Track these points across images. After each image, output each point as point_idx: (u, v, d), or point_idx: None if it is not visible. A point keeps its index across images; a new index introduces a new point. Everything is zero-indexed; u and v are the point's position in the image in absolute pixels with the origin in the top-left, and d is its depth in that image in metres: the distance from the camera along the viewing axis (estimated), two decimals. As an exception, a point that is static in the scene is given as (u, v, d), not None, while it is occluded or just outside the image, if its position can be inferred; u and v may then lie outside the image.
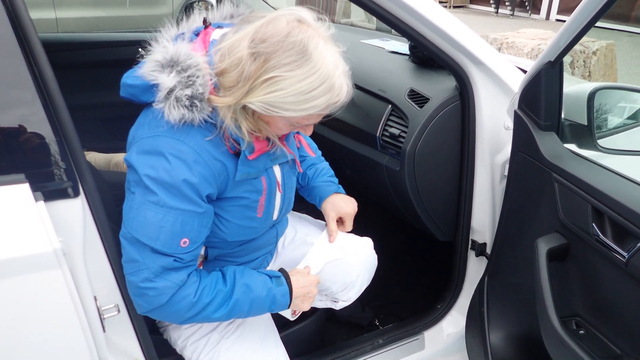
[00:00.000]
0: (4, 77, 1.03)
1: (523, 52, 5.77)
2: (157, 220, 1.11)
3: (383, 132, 1.82)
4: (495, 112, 1.66)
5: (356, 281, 1.52)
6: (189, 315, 1.21)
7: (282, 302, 1.33)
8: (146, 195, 1.11)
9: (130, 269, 1.16)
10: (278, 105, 1.08)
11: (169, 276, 1.16)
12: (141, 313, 1.22)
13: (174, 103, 1.08)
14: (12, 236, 1.00)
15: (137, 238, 1.13)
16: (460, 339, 1.87)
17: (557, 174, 1.33)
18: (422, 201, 1.78)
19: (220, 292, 1.24)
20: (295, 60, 1.05)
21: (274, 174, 1.32)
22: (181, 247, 1.15)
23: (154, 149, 1.11)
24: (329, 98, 1.10)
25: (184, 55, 1.09)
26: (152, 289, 1.15)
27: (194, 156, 1.12)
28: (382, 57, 2.11)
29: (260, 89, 1.07)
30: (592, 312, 1.32)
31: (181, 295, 1.19)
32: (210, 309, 1.23)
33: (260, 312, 1.33)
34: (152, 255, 1.14)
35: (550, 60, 1.32)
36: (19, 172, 1.02)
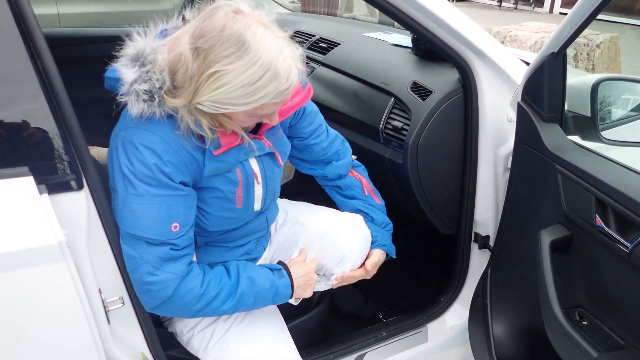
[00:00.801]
0: (8, 72, 1.04)
1: (526, 45, 5.74)
2: (143, 210, 1.14)
3: (386, 125, 1.82)
4: (498, 104, 1.65)
5: (349, 255, 1.50)
6: (197, 307, 1.23)
7: (284, 293, 1.36)
8: (127, 190, 1.14)
9: (131, 266, 1.18)
10: (226, 102, 1.08)
11: (168, 267, 1.18)
12: (150, 310, 1.23)
13: (135, 97, 1.10)
14: (17, 229, 1.00)
15: (130, 233, 1.15)
16: (463, 332, 1.87)
17: (560, 166, 1.33)
18: (425, 194, 1.78)
19: (226, 285, 1.26)
20: (234, 52, 1.05)
21: (250, 167, 1.30)
22: (173, 232, 1.17)
23: (126, 140, 1.14)
24: (277, 86, 1.09)
25: (149, 50, 1.11)
26: (154, 283, 1.17)
27: (162, 145, 1.14)
28: (384, 50, 2.10)
29: (205, 87, 1.07)
30: (595, 303, 1.32)
31: (187, 287, 1.20)
32: (218, 302, 1.25)
33: (263, 304, 1.34)
34: (148, 247, 1.16)
35: (553, 51, 1.32)
36: (23, 165, 1.03)
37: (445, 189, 1.80)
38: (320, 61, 2.22)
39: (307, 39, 2.41)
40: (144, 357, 1.33)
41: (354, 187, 1.66)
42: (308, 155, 1.59)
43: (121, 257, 1.20)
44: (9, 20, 1.03)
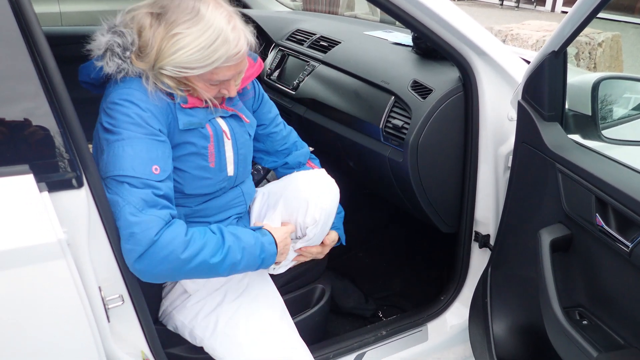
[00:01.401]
0: (8, 70, 1.04)
1: (528, 44, 5.74)
2: (124, 151, 1.21)
3: (386, 124, 1.82)
4: (499, 103, 1.65)
5: (310, 200, 1.52)
6: (186, 256, 1.22)
7: (270, 250, 1.38)
8: (111, 139, 1.22)
9: (116, 213, 1.19)
10: (186, 65, 1.24)
11: (151, 211, 1.20)
12: (135, 264, 1.19)
13: (110, 55, 1.24)
14: (17, 227, 1.00)
15: (113, 178, 1.20)
16: (463, 331, 1.87)
17: (560, 165, 1.33)
18: (425, 193, 1.78)
19: (211, 237, 1.28)
20: (190, 19, 1.22)
21: (218, 125, 1.41)
22: (154, 173, 1.22)
23: (109, 101, 1.25)
24: (227, 49, 1.25)
25: (118, 21, 1.28)
26: (137, 223, 1.17)
27: (139, 95, 1.25)
28: (385, 48, 2.10)
29: (166, 50, 1.22)
30: (595, 303, 1.32)
31: (172, 234, 1.21)
32: (206, 252, 1.25)
33: (253, 262, 1.35)
34: (131, 190, 1.19)
35: (554, 50, 1.32)
36: (23, 163, 1.03)
37: (445, 187, 1.80)
38: (320, 59, 2.22)
39: (308, 38, 2.41)
40: (143, 355, 1.33)
41: None
42: (270, 145, 1.69)
43: (121, 255, 1.20)
44: (10, 19, 1.03)
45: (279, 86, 2.38)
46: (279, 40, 2.54)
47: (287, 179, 1.63)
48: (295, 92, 2.26)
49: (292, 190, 1.56)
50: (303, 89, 2.22)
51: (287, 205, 1.55)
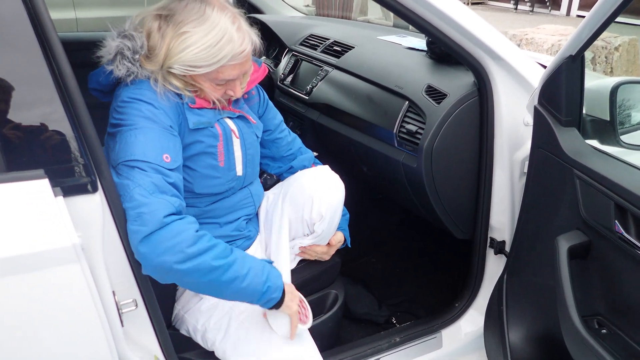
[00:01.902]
0: (24, 75, 1.05)
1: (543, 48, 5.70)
2: (136, 137, 1.23)
3: (400, 129, 1.80)
4: (515, 108, 1.64)
5: (315, 196, 1.53)
6: (190, 251, 1.17)
7: (276, 283, 1.31)
8: (123, 130, 1.25)
9: (124, 195, 1.18)
10: (193, 63, 1.27)
11: (161, 195, 1.20)
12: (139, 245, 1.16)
13: (120, 59, 1.27)
14: (32, 231, 1.01)
15: (124, 164, 1.21)
16: (478, 338, 1.85)
17: (578, 171, 1.31)
18: (440, 198, 1.77)
19: (219, 244, 1.24)
20: (197, 19, 1.27)
21: (227, 124, 1.44)
22: (165, 161, 1.24)
23: (120, 100, 1.28)
24: (232, 48, 1.29)
25: (127, 26, 1.31)
26: (145, 204, 1.16)
27: (150, 94, 1.29)
28: (399, 53, 2.09)
29: (175, 48, 1.26)
30: (614, 311, 1.30)
31: (182, 225, 1.18)
32: (211, 254, 1.20)
33: (256, 285, 1.28)
34: (142, 174, 1.21)
35: (571, 54, 1.30)
36: (38, 168, 1.03)
37: (460, 193, 1.79)
38: (334, 64, 2.21)
39: (321, 42, 2.41)
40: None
41: None
42: (276, 151, 1.71)
43: (135, 259, 1.20)
44: (26, 24, 1.04)
45: (293, 91, 2.38)
46: (292, 45, 2.55)
47: (291, 178, 1.65)
48: (308, 97, 2.26)
49: (296, 187, 1.57)
50: (316, 94, 2.22)
51: (293, 202, 1.56)
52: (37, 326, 1.07)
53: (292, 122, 2.44)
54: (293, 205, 1.56)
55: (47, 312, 1.07)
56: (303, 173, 1.64)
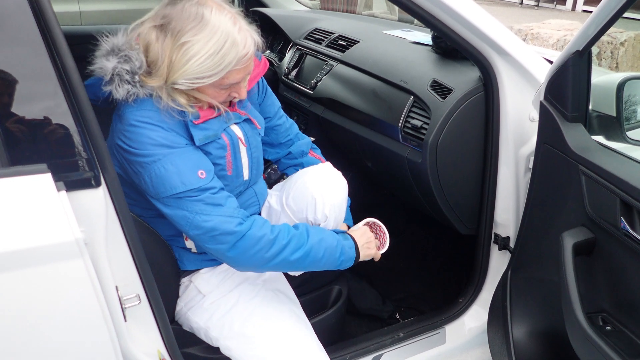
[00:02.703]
0: (27, 69, 1.04)
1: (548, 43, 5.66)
2: (167, 170, 1.23)
3: (405, 124, 1.80)
4: (520, 103, 1.62)
5: (319, 197, 1.50)
6: (271, 253, 1.29)
7: (349, 254, 1.43)
8: (144, 162, 1.24)
9: (187, 224, 1.26)
10: (199, 75, 1.22)
11: (219, 211, 1.26)
12: (231, 260, 1.29)
13: (118, 81, 1.21)
14: (35, 226, 1.01)
15: (170, 197, 1.24)
16: (482, 334, 1.84)
17: (584, 167, 1.30)
18: (445, 194, 1.76)
19: (294, 235, 1.34)
20: (195, 26, 1.20)
21: (233, 132, 1.41)
22: (202, 178, 1.26)
23: (126, 123, 1.24)
24: (237, 52, 1.23)
25: (121, 42, 1.24)
26: (214, 228, 1.25)
27: (157, 116, 1.25)
28: (404, 47, 2.08)
29: (177, 61, 1.20)
30: (619, 308, 1.29)
31: (259, 233, 1.28)
32: (288, 251, 1.32)
33: (332, 263, 1.40)
34: (192, 200, 1.25)
35: (578, 49, 1.29)
36: (41, 162, 1.03)
37: (465, 189, 1.78)
38: (339, 59, 2.20)
39: (326, 37, 2.40)
40: (160, 355, 1.33)
41: (315, 162, 1.72)
42: (275, 137, 1.69)
43: (138, 254, 1.20)
44: (29, 18, 1.03)
45: (297, 85, 2.37)
46: (297, 39, 2.54)
47: (294, 177, 1.61)
48: (313, 92, 2.25)
49: (299, 187, 1.54)
50: (321, 88, 2.21)
51: (296, 203, 1.53)
52: (40, 321, 1.07)
53: (297, 116, 2.44)
54: (296, 205, 1.53)
55: (50, 307, 1.07)
56: (305, 172, 1.60)
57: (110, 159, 1.14)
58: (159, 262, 1.39)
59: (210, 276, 1.49)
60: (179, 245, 1.47)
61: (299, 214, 1.53)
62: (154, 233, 1.40)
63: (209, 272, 1.49)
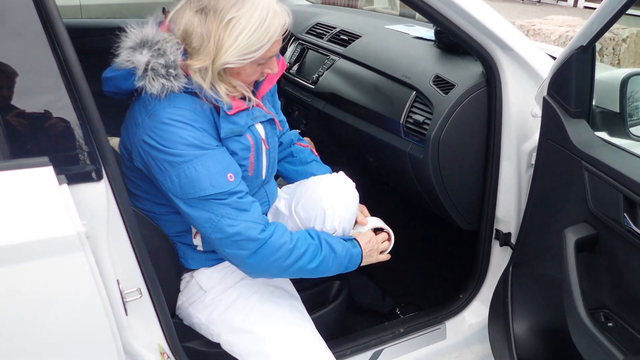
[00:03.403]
0: (29, 62, 1.04)
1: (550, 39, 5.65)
2: (198, 171, 1.22)
3: (407, 119, 1.79)
4: (523, 98, 1.62)
5: (329, 209, 1.47)
6: (288, 263, 1.31)
7: (355, 261, 1.47)
8: (174, 162, 1.22)
9: (210, 227, 1.25)
10: (249, 49, 1.22)
11: (245, 216, 1.26)
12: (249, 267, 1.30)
13: (152, 75, 1.19)
14: (36, 219, 1.00)
15: (197, 198, 1.23)
16: (482, 330, 1.84)
17: (587, 163, 1.30)
18: (446, 189, 1.76)
19: (311, 244, 1.36)
20: (236, 2, 1.19)
21: (257, 131, 1.40)
22: (230, 182, 1.25)
23: (157, 121, 1.22)
24: (279, 21, 1.25)
25: (152, 34, 1.21)
26: (238, 232, 1.25)
27: (190, 115, 1.23)
28: (406, 42, 2.07)
29: (227, 38, 1.19)
30: (621, 304, 1.29)
31: (279, 241, 1.29)
32: (305, 259, 1.34)
33: (337, 269, 1.43)
34: (219, 204, 1.24)
35: (582, 44, 1.28)
36: (43, 155, 1.03)
37: (466, 184, 1.78)
38: (341, 54, 2.19)
39: (328, 31, 2.39)
40: (160, 349, 1.33)
41: (304, 150, 1.74)
42: None
43: (140, 248, 1.20)
44: (31, 11, 1.02)
45: (299, 80, 2.36)
46: (298, 33, 2.53)
47: (306, 182, 1.59)
48: (314, 87, 2.24)
49: (310, 196, 1.51)
50: (322, 83, 2.20)
51: (305, 210, 1.50)
52: (42, 314, 1.07)
53: (298, 111, 2.43)
54: (305, 214, 1.50)
55: (52, 300, 1.07)
56: (318, 180, 1.56)
57: (112, 152, 1.14)
58: (160, 256, 1.38)
59: (211, 272, 1.48)
60: (186, 243, 1.45)
61: (307, 222, 1.50)
62: (155, 227, 1.40)
63: (211, 269, 1.49)
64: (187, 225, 1.42)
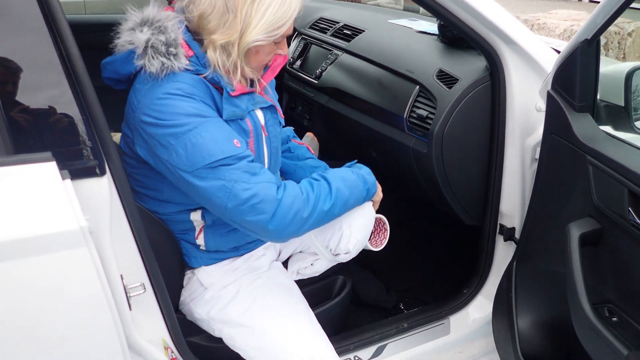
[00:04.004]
0: (32, 58, 1.04)
1: (555, 33, 5.62)
2: (204, 137, 1.18)
3: (410, 114, 1.78)
4: (527, 93, 1.61)
5: (347, 231, 1.46)
6: (307, 212, 1.27)
7: (370, 180, 1.45)
8: (177, 133, 1.18)
9: (224, 196, 1.20)
10: (277, 24, 1.22)
11: (257, 178, 1.22)
12: (273, 232, 1.24)
13: (152, 53, 1.17)
14: (39, 214, 1.00)
15: (206, 167, 1.19)
16: (486, 325, 1.84)
17: (591, 157, 1.29)
18: (450, 184, 1.75)
19: (319, 186, 1.32)
20: None
21: (257, 117, 1.38)
22: (237, 147, 1.22)
23: (154, 97, 1.19)
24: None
25: (152, 14, 1.20)
26: (254, 195, 1.20)
27: (189, 89, 1.21)
28: (410, 37, 2.06)
29: (254, 15, 1.19)
30: (625, 299, 1.29)
31: (291, 196, 1.25)
32: (321, 202, 1.30)
33: (359, 195, 1.40)
34: (229, 169, 1.20)
35: (586, 38, 1.28)
36: (46, 150, 1.03)
37: (470, 179, 1.77)
38: (344, 48, 2.19)
39: (331, 26, 2.38)
40: (164, 344, 1.34)
41: (300, 147, 1.73)
42: None
43: (143, 243, 1.20)
44: (34, 7, 1.02)
45: (302, 75, 2.36)
46: (301, 28, 2.52)
47: None
48: (317, 81, 2.24)
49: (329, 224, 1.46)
50: (326, 78, 2.20)
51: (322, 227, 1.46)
52: (45, 309, 1.07)
53: (301, 106, 2.43)
54: (321, 229, 1.47)
55: (55, 295, 1.07)
56: None
57: (115, 147, 1.14)
58: (163, 251, 1.39)
59: (212, 269, 1.48)
60: (189, 241, 1.45)
61: (321, 238, 1.50)
62: (158, 222, 1.40)
63: (212, 266, 1.49)
64: (191, 224, 1.42)
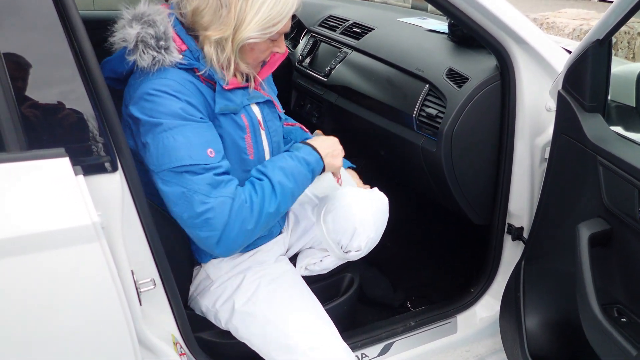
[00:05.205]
0: (46, 53, 1.04)
1: (564, 32, 5.59)
2: (176, 140, 1.18)
3: (420, 113, 1.78)
4: (537, 92, 1.61)
5: (360, 228, 1.45)
6: (254, 220, 1.23)
7: (314, 160, 1.36)
8: (155, 131, 1.19)
9: (182, 205, 1.19)
10: (271, 22, 1.21)
11: (218, 192, 1.20)
12: (214, 248, 1.22)
13: (143, 48, 1.17)
14: (52, 209, 1.01)
15: (170, 170, 1.18)
16: (493, 324, 1.84)
17: (602, 157, 1.29)
18: (459, 183, 1.75)
19: (261, 186, 1.27)
20: None
21: (253, 113, 1.37)
22: (210, 157, 1.20)
23: (143, 92, 1.20)
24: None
25: (143, 9, 1.21)
26: (210, 209, 1.18)
27: (176, 86, 1.20)
28: (419, 35, 2.06)
29: (249, 11, 1.18)
30: (634, 300, 1.28)
31: (238, 204, 1.21)
32: (265, 205, 1.25)
33: (305, 180, 1.35)
34: (193, 177, 1.18)
35: (598, 38, 1.27)
36: (59, 146, 1.03)
37: (479, 178, 1.77)
38: (353, 46, 2.19)
39: (341, 24, 2.38)
40: (173, 339, 1.35)
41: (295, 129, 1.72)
42: None
43: (154, 239, 1.21)
44: (48, 4, 1.03)
45: (311, 73, 2.36)
46: (311, 26, 2.52)
47: (340, 195, 1.51)
48: (327, 79, 2.24)
49: (344, 210, 1.48)
50: (335, 76, 2.20)
51: (335, 223, 1.48)
52: (56, 304, 1.08)
53: (310, 104, 2.43)
54: (334, 226, 1.48)
55: (67, 290, 1.08)
56: (354, 195, 1.50)
57: (127, 144, 1.15)
58: (173, 247, 1.39)
59: (219, 262, 1.49)
60: None
61: (333, 234, 1.49)
62: (169, 219, 1.40)
63: (219, 259, 1.50)
64: None
